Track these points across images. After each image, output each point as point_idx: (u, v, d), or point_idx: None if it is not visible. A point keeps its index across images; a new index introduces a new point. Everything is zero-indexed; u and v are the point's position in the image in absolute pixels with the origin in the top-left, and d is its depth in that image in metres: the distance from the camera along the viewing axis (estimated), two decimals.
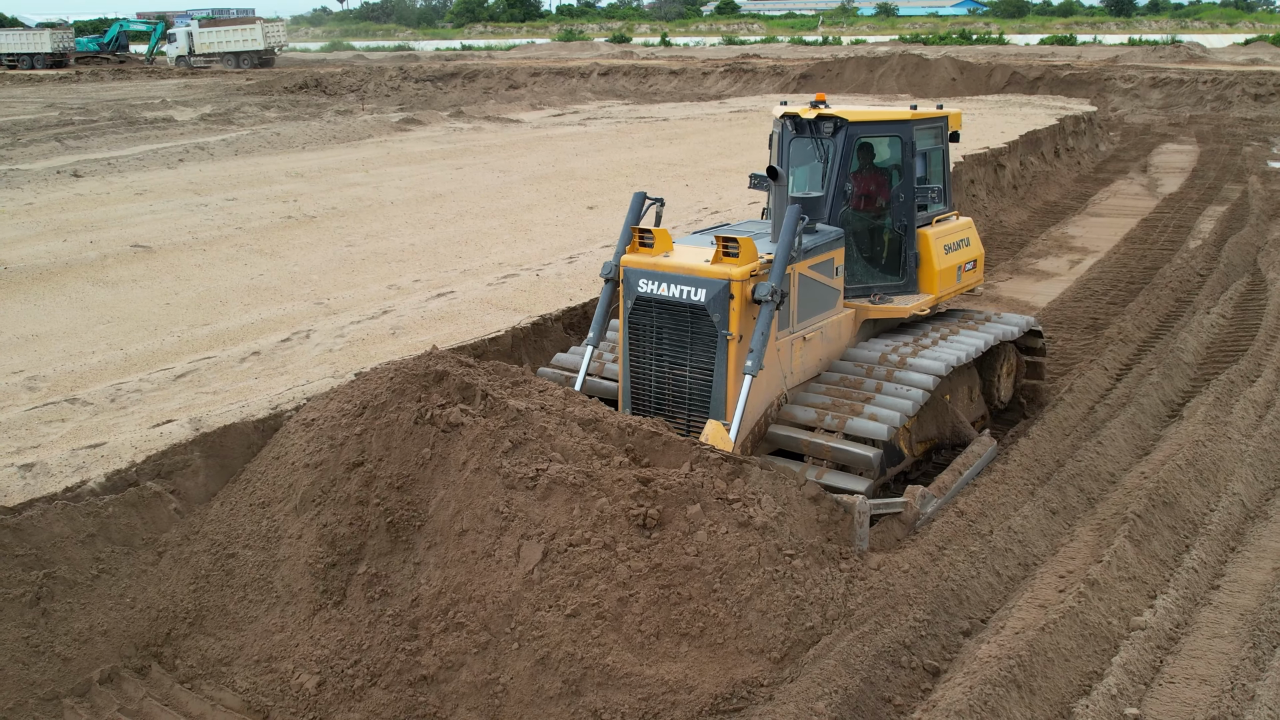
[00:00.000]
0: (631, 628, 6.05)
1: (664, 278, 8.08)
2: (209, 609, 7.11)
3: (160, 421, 8.55)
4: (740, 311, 7.83)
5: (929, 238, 9.71)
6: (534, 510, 6.47)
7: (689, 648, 6.02)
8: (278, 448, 7.80)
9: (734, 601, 6.17)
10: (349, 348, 10.18)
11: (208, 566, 7.24)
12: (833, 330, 9.09)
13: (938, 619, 6.76)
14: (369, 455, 7.13)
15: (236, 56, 71.68)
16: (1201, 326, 12.53)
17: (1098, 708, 5.87)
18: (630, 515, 6.42)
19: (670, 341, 8.18)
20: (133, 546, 7.34)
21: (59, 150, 29.19)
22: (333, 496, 7.11)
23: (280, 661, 6.73)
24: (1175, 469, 8.44)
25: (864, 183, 9.67)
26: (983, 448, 9.13)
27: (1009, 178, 22.07)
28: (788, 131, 9.57)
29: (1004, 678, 5.90)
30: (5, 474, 7.68)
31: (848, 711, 5.83)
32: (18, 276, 13.58)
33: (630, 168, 20.97)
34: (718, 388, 7.98)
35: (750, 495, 6.66)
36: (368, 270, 13.35)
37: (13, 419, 8.76)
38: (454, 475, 6.79)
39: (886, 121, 9.48)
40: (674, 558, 6.24)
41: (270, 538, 7.24)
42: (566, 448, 6.82)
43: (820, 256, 8.70)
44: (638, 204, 9.00)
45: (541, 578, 6.22)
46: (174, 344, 10.66)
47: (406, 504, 6.92)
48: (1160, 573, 7.36)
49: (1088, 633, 6.54)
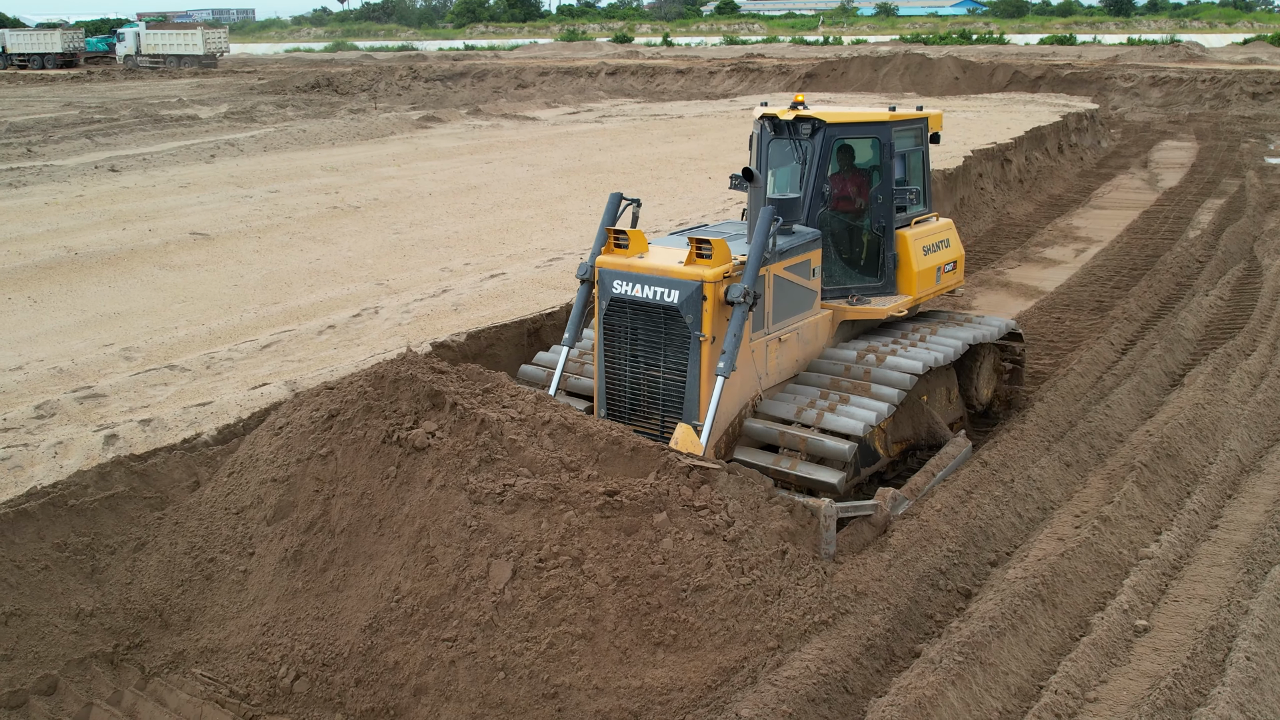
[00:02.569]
0: (607, 643, 6.05)
1: (638, 279, 8.07)
2: (187, 608, 7.06)
3: (257, 384, 9.43)
4: (713, 313, 7.81)
5: (908, 239, 9.66)
6: (502, 525, 6.40)
7: (665, 655, 6.06)
8: (252, 448, 7.75)
9: (703, 606, 6.19)
10: (416, 322, 11.05)
11: (189, 569, 7.21)
12: (809, 331, 9.04)
13: (968, 550, 7.65)
14: (336, 474, 7.04)
15: (179, 59, 73.86)
16: (1201, 307, 13.41)
17: (1111, 620, 6.74)
18: (597, 527, 6.37)
19: (644, 343, 8.16)
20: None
21: (89, 147, 30.04)
22: (299, 518, 7.02)
23: (241, 661, 6.66)
24: (1177, 427, 9.32)
25: (843, 184, 9.64)
26: (957, 449, 9.04)
27: (1015, 172, 22.95)
28: (766, 133, 9.53)
29: (1030, 593, 6.78)
30: (128, 428, 8.57)
31: (898, 624, 6.74)
32: (88, 261, 14.45)
33: (653, 162, 21.86)
34: (691, 389, 7.95)
35: (717, 501, 6.61)
36: (418, 255, 14.22)
37: (121, 383, 9.63)
38: (420, 492, 6.72)
39: (865, 123, 9.43)
40: (641, 568, 6.24)
41: (244, 543, 7.19)
42: (535, 460, 6.75)
43: (797, 258, 8.63)
44: (614, 205, 8.92)
45: (514, 598, 6.17)
46: (251, 320, 11.53)
47: (372, 519, 6.83)
48: (1164, 514, 8.24)
49: (1101, 560, 7.42)
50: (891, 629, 6.70)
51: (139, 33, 76.57)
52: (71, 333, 11.47)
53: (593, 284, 8.48)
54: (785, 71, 51.02)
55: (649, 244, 8.55)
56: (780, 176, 9.63)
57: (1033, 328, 13.62)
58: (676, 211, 16.32)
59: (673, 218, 15.94)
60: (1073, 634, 6.76)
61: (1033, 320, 13.96)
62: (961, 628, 6.49)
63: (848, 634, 6.45)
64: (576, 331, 8.80)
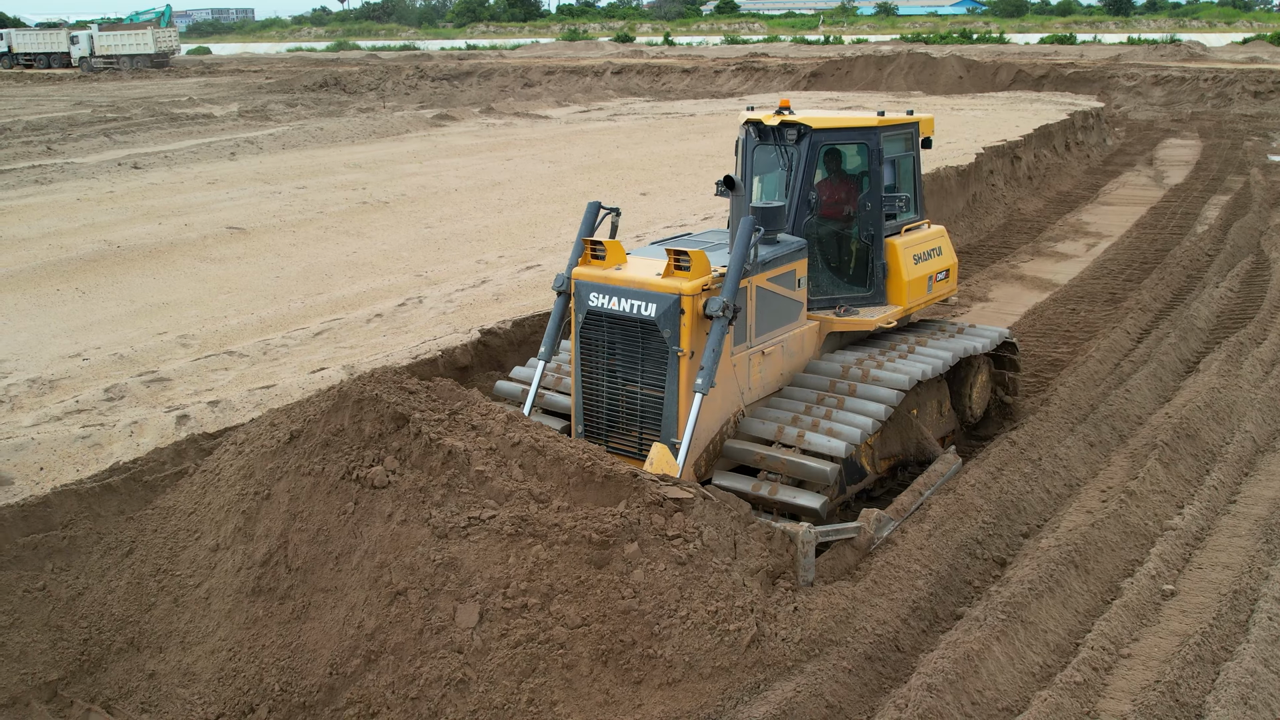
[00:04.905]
0: (586, 687, 5.89)
1: (615, 291, 7.74)
2: (148, 630, 6.82)
3: (315, 369, 9.85)
4: (692, 327, 7.49)
5: (897, 247, 9.38)
6: (467, 560, 6.18)
7: (650, 691, 5.89)
8: (215, 463, 7.60)
9: (677, 638, 5.98)
10: (460, 311, 11.47)
11: (154, 591, 6.96)
12: (795, 344, 8.72)
13: (1001, 523, 8.09)
14: (293, 510, 6.76)
15: (131, 59, 74.81)
16: (1212, 298, 13.85)
17: (1140, 585, 7.17)
18: (565, 560, 6.15)
19: (621, 358, 7.85)
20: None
21: (108, 145, 30.44)
22: (253, 550, 6.75)
23: (204, 686, 6.44)
24: (1195, 409, 9.75)
25: (830, 191, 9.40)
26: (946, 465, 8.71)
27: (1025, 169, 23.39)
28: (751, 138, 9.22)
29: (1064, 559, 7.22)
30: (197, 409, 8.99)
31: (940, 588, 7.18)
32: (130, 254, 14.87)
33: (671, 159, 22.30)
34: (669, 406, 7.64)
35: (691, 529, 6.34)
36: (452, 248, 14.64)
37: (183, 368, 10.05)
38: (380, 527, 6.45)
39: (852, 128, 9.14)
40: (610, 603, 6.03)
41: (205, 567, 6.95)
42: (502, 491, 6.46)
43: (780, 268, 8.32)
44: (591, 214, 8.62)
45: (484, 644, 5.94)
46: (299, 309, 11.94)
47: (329, 556, 6.54)
48: (1186, 489, 8.67)
49: (1129, 530, 7.85)
50: (934, 593, 7.15)
51: (92, 35, 77.75)
52: (123, 322, 11.89)
53: (569, 296, 8.16)
54: (790, 71, 51.45)
55: (627, 255, 8.21)
56: (766, 183, 9.40)
57: (1049, 318, 14.06)
58: (700, 207, 16.77)
59: (696, 213, 16.38)
60: (1104, 597, 7.19)
61: (1049, 311, 14.39)
62: (1001, 591, 6.93)
63: (896, 597, 6.89)
64: (553, 345, 8.47)
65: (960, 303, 14.84)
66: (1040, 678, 6.32)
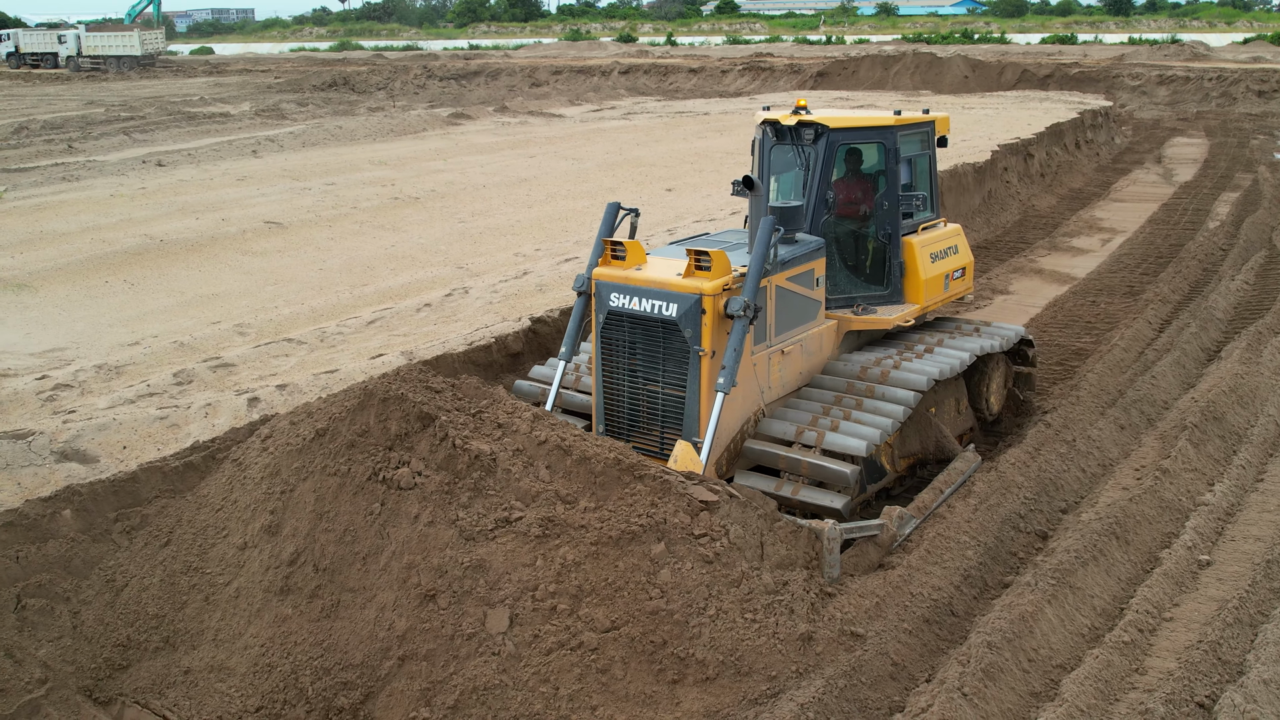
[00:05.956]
0: (623, 690, 5.89)
1: (635, 291, 7.81)
2: (181, 629, 6.88)
3: (374, 355, 10.22)
4: (713, 327, 7.57)
5: (914, 246, 9.44)
6: (495, 562, 6.21)
7: (686, 690, 5.91)
8: (242, 455, 7.67)
9: (708, 636, 6.00)
10: (505, 301, 11.85)
11: (186, 589, 7.02)
12: (813, 343, 8.78)
13: (1041, 499, 8.47)
14: (319, 510, 6.76)
15: (118, 60, 75.20)
16: (1229, 290, 14.24)
17: (1177, 555, 7.56)
18: (593, 561, 6.19)
19: (642, 357, 7.92)
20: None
21: (128, 143, 30.82)
22: (282, 554, 6.77)
23: (234, 681, 6.49)
24: (1220, 394, 10.13)
25: (847, 190, 9.43)
26: (967, 464, 8.78)
27: (1037, 166, 23.80)
28: (768, 138, 9.27)
29: (1106, 530, 7.60)
30: (266, 392, 9.36)
31: (988, 558, 7.57)
32: (172, 248, 15.24)
33: (692, 156, 22.69)
34: (690, 405, 7.71)
35: (718, 528, 6.36)
36: (488, 242, 15.02)
37: (245, 354, 10.43)
38: (406, 529, 6.47)
39: (869, 128, 9.19)
40: (639, 604, 6.04)
41: (234, 565, 6.99)
42: (529, 492, 6.49)
43: (799, 268, 8.38)
44: (611, 215, 8.66)
45: (517, 650, 5.96)
46: (348, 299, 12.32)
47: (355, 557, 6.55)
48: (1215, 468, 9.06)
49: (1164, 505, 8.24)
50: (983, 562, 7.54)
51: (79, 35, 78.17)
52: (175, 312, 12.26)
53: (589, 296, 8.26)
54: (797, 70, 51.85)
55: (647, 255, 8.29)
56: (783, 183, 9.45)
57: (1070, 310, 14.45)
58: (726, 202, 17.16)
59: (722, 208, 16.77)
60: (1144, 566, 7.57)
61: (1069, 303, 14.78)
62: (1048, 559, 7.31)
63: (949, 566, 7.28)
64: (573, 345, 8.54)
65: (982, 295, 15.23)
66: (1089, 638, 6.70)
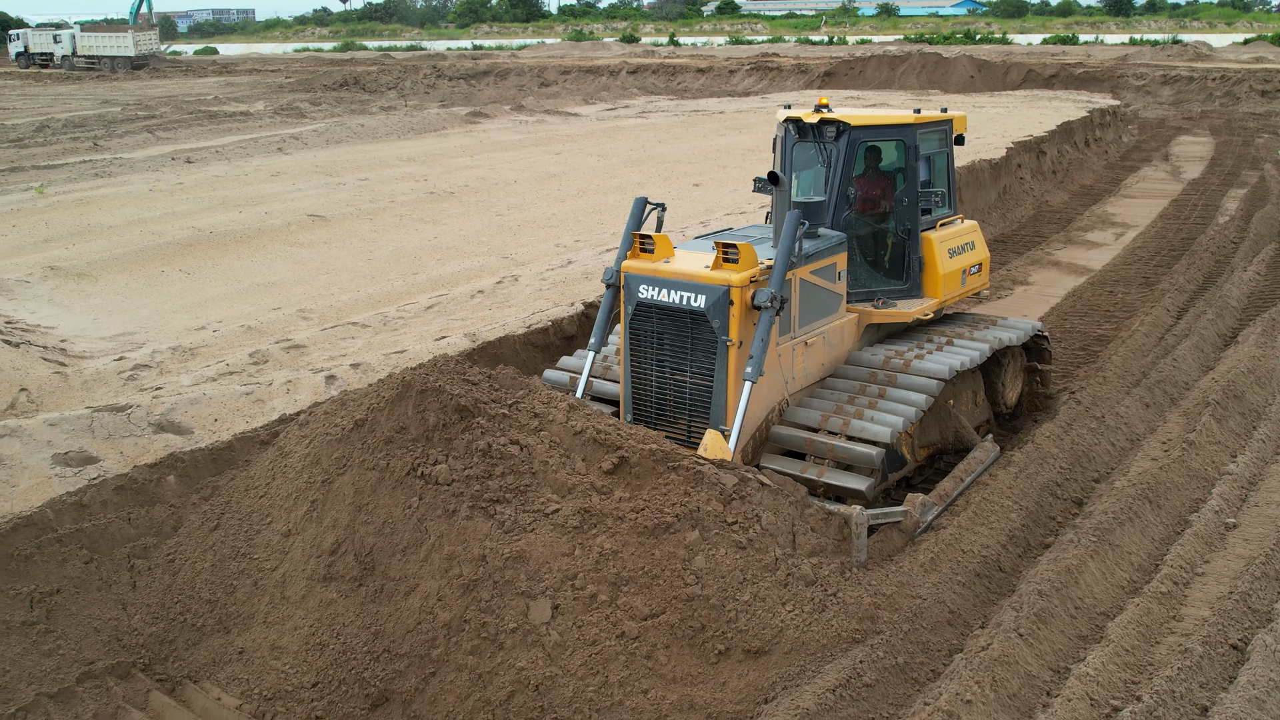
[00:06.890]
0: (670, 672, 6.06)
1: (664, 283, 8.04)
2: (233, 612, 7.08)
3: (438, 337, 10.77)
4: (740, 317, 7.80)
5: (933, 241, 9.68)
6: (535, 553, 6.37)
7: (731, 664, 6.06)
8: (283, 442, 7.87)
9: (744, 620, 6.18)
10: (554, 288, 12.40)
11: (235, 574, 7.20)
12: (835, 335, 9.04)
13: (1075, 469, 9.04)
14: (358, 502, 6.94)
15: (112, 60, 75.64)
16: (1241, 280, 14.82)
17: (1205, 519, 8.12)
18: (629, 550, 6.34)
19: (671, 347, 8.14)
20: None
21: (152, 141, 31.30)
22: (323, 543, 6.95)
23: (281, 664, 6.67)
24: (1239, 374, 10.70)
25: (867, 187, 9.67)
26: (985, 453, 9.11)
27: (1049, 163, 24.37)
28: (790, 136, 9.50)
29: (1139, 494, 8.17)
30: (341, 370, 9.91)
31: (1030, 521, 8.14)
32: (221, 240, 15.78)
33: (714, 153, 23.26)
34: (718, 394, 7.94)
35: (749, 515, 6.53)
36: (527, 234, 15.57)
37: (314, 337, 10.97)
38: (445, 522, 6.62)
39: (889, 125, 9.43)
40: (675, 590, 6.21)
41: (279, 551, 7.16)
42: (565, 484, 6.66)
43: (822, 261, 8.64)
44: (638, 209, 8.91)
45: (562, 639, 6.13)
46: (402, 287, 12.87)
47: (395, 549, 6.71)
48: (1237, 441, 9.62)
49: (1191, 474, 8.80)
50: (1026, 524, 8.11)
51: (74, 35, 78.55)
52: (235, 299, 12.80)
53: (619, 288, 8.49)
54: (804, 70, 52.39)
55: (674, 248, 8.54)
56: (804, 179, 9.64)
57: (1088, 300, 15.02)
58: (753, 197, 17.70)
59: (750, 201, 17.32)
60: (1175, 528, 8.14)
61: (1087, 294, 15.34)
62: (1087, 521, 7.88)
63: (995, 526, 7.85)
64: (602, 336, 8.78)
65: (1003, 286, 15.79)
66: (1129, 590, 7.27)
